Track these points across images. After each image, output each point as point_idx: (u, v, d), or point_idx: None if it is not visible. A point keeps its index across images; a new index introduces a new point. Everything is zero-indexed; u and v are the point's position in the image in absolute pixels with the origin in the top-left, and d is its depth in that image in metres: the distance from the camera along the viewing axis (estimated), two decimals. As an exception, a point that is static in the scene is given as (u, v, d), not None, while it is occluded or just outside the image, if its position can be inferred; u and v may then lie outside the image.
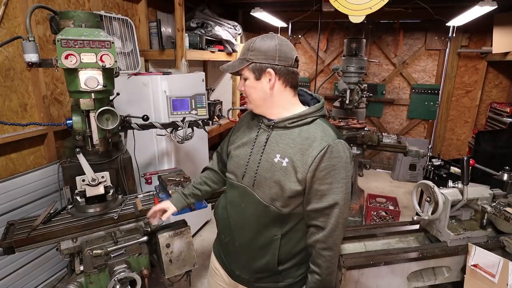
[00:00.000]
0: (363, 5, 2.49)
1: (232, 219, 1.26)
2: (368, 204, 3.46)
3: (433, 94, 4.75)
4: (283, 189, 1.10)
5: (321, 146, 1.06)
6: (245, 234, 1.22)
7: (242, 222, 1.23)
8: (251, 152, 1.20)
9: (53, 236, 1.50)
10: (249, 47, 1.14)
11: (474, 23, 3.80)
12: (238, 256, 1.28)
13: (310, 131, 1.11)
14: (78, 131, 1.62)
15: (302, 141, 1.09)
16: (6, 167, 2.18)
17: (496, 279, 1.55)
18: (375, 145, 3.10)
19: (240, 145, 1.26)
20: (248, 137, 1.24)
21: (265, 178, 1.13)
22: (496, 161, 2.69)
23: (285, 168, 1.09)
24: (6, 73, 2.12)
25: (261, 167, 1.15)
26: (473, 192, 1.80)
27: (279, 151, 1.12)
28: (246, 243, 1.23)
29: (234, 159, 1.26)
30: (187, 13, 3.50)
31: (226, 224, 1.29)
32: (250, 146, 1.21)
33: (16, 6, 2.12)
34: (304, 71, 5.39)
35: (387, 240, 1.99)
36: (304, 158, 1.07)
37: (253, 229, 1.19)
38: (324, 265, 1.14)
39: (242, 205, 1.21)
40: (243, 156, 1.22)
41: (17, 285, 2.22)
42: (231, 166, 1.27)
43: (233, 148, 1.28)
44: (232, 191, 1.26)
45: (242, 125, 1.32)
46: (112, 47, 1.51)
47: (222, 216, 1.32)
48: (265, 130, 1.19)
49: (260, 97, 1.15)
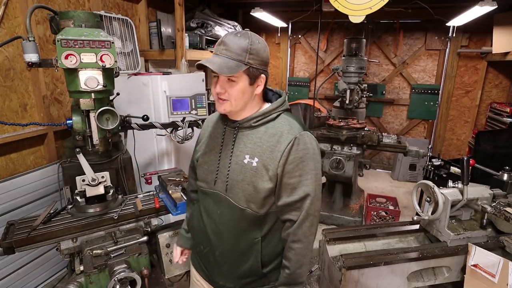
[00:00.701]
0: (363, 5, 2.49)
1: (209, 228, 1.20)
2: (368, 204, 3.46)
3: (433, 94, 4.74)
4: (257, 189, 1.07)
5: (288, 139, 1.06)
6: (225, 241, 1.17)
7: (220, 230, 1.17)
8: (219, 157, 1.16)
9: (53, 236, 1.50)
10: (247, 49, 1.03)
11: (474, 23, 3.80)
12: (220, 265, 1.21)
13: (276, 127, 1.10)
14: (78, 131, 1.62)
15: (269, 138, 1.08)
16: (6, 167, 2.18)
17: (496, 279, 1.55)
18: (375, 145, 3.10)
19: (207, 151, 1.22)
20: (214, 142, 1.21)
21: (237, 181, 1.10)
22: (496, 161, 2.68)
23: (256, 168, 1.07)
24: (6, 73, 2.12)
25: (231, 170, 1.11)
26: (473, 192, 1.80)
27: (248, 151, 1.10)
28: (227, 250, 1.18)
29: (203, 166, 1.22)
30: (187, 13, 3.51)
31: (204, 234, 1.23)
32: (218, 150, 1.18)
33: (16, 6, 2.12)
34: (304, 71, 5.39)
35: (387, 240, 1.99)
36: (273, 155, 1.06)
37: (232, 235, 1.15)
38: (294, 258, 1.12)
39: (218, 212, 1.16)
40: (212, 161, 1.18)
41: (17, 285, 2.22)
42: (201, 174, 1.22)
43: (200, 155, 1.24)
44: (206, 199, 1.21)
45: (206, 131, 1.28)
46: (112, 47, 1.51)
47: (199, 227, 1.26)
48: (230, 132, 1.16)
49: (245, 101, 1.09)
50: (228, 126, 1.17)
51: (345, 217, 3.34)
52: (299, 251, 1.11)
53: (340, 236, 1.98)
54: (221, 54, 1.04)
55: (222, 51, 1.04)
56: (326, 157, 3.23)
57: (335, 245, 1.93)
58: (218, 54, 1.05)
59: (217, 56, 1.04)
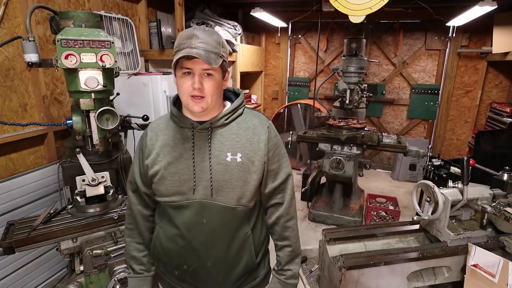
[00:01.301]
0: (363, 5, 2.49)
1: (195, 243, 1.11)
2: (368, 204, 3.46)
3: (433, 94, 4.74)
4: (248, 183, 1.09)
5: (263, 130, 1.11)
6: (217, 248, 1.12)
7: (210, 238, 1.11)
8: (193, 162, 1.07)
9: (53, 236, 1.50)
10: (219, 42, 1.02)
11: (474, 23, 3.80)
12: (214, 275, 1.16)
13: (247, 120, 1.12)
14: (78, 131, 1.62)
15: (245, 132, 1.10)
16: (6, 167, 2.18)
17: (496, 279, 1.55)
18: (375, 145, 3.10)
19: (172, 161, 1.08)
20: (179, 149, 1.09)
21: (225, 181, 1.07)
22: (496, 161, 2.68)
23: (242, 163, 1.08)
24: (6, 73, 2.12)
25: (215, 172, 1.07)
26: (473, 192, 1.80)
27: (228, 149, 1.08)
28: (220, 256, 1.14)
29: (171, 178, 1.08)
30: (187, 13, 3.51)
31: (187, 252, 1.13)
32: (189, 156, 1.08)
33: (16, 6, 2.12)
34: (304, 71, 5.39)
35: (387, 240, 1.99)
36: (254, 146, 1.09)
37: (225, 239, 1.12)
38: (292, 235, 1.20)
39: (204, 221, 1.09)
40: (184, 170, 1.08)
41: (17, 285, 2.22)
42: (169, 188, 1.09)
43: (162, 168, 1.08)
44: (182, 213, 1.10)
45: (156, 142, 1.11)
46: (112, 47, 1.51)
47: (175, 247, 1.13)
48: (202, 134, 1.08)
49: (218, 97, 1.07)
50: (197, 129, 1.08)
51: (345, 217, 3.34)
52: (295, 227, 1.21)
53: (340, 236, 1.98)
54: (198, 47, 0.96)
55: (198, 44, 0.97)
56: (326, 157, 3.23)
57: (335, 245, 1.93)
58: (194, 47, 0.96)
59: (194, 49, 0.96)
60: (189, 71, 1.00)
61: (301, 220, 3.54)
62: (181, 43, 0.98)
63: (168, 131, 1.12)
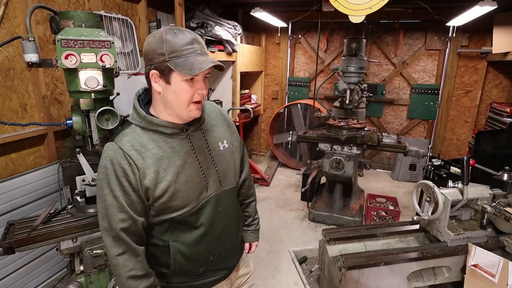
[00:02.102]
0: (363, 5, 2.49)
1: (217, 231, 1.16)
2: (368, 204, 3.46)
3: (433, 94, 4.74)
4: (235, 162, 1.23)
5: (224, 112, 1.25)
6: (230, 227, 1.23)
7: (226, 221, 1.19)
8: (199, 163, 1.08)
9: (53, 236, 1.50)
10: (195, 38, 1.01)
11: (474, 23, 3.80)
12: (231, 250, 1.27)
13: (210, 109, 1.21)
14: (78, 131, 1.62)
15: (217, 120, 1.20)
16: (6, 167, 2.18)
17: (496, 279, 1.55)
18: (375, 145, 3.10)
19: (180, 171, 1.03)
20: (180, 156, 1.04)
21: (225, 168, 1.17)
22: (496, 161, 2.68)
23: (229, 147, 1.20)
24: (6, 73, 2.12)
25: (217, 163, 1.14)
26: (473, 192, 1.80)
27: (218, 139, 1.17)
28: (233, 232, 1.27)
29: (185, 188, 1.04)
30: (187, 13, 3.51)
31: (212, 244, 1.16)
32: (193, 159, 1.07)
33: (16, 6, 2.12)
34: (304, 71, 5.39)
35: (387, 240, 1.99)
36: (230, 129, 1.24)
37: (233, 215, 1.26)
38: (254, 191, 1.45)
39: (220, 209, 1.15)
40: (194, 174, 1.06)
41: (17, 285, 2.22)
42: (185, 198, 1.04)
43: (171, 182, 1.01)
44: (203, 213, 1.10)
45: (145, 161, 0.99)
46: (112, 47, 1.51)
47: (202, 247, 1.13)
48: (196, 133, 1.10)
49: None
50: (190, 130, 1.08)
51: (345, 217, 3.34)
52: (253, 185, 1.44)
53: (340, 236, 1.98)
54: (203, 52, 0.99)
55: (202, 50, 0.99)
56: (326, 157, 3.23)
57: (335, 245, 1.93)
58: (201, 53, 0.98)
59: (202, 55, 0.98)
60: (194, 77, 0.97)
61: (301, 220, 3.54)
62: (180, 48, 0.94)
63: (153, 144, 1.01)
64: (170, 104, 1.01)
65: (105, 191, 0.98)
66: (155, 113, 1.06)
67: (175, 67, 0.94)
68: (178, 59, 0.94)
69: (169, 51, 0.94)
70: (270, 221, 3.48)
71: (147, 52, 0.98)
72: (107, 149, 1.00)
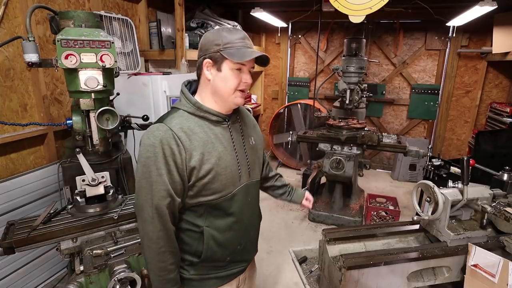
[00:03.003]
0: (363, 5, 2.49)
1: (246, 221, 1.24)
2: (368, 204, 3.46)
3: (433, 94, 4.74)
4: (260, 159, 1.33)
5: (250, 113, 1.36)
6: (254, 218, 1.32)
7: (252, 212, 1.28)
8: (236, 153, 1.17)
9: (53, 236, 1.50)
10: (246, 36, 1.12)
11: (474, 23, 3.80)
12: (253, 241, 1.36)
13: (241, 109, 1.30)
14: (78, 131, 1.62)
15: (247, 119, 1.30)
16: (6, 167, 2.18)
17: (496, 279, 1.55)
18: (375, 145, 3.10)
19: (221, 156, 1.11)
20: (222, 143, 1.13)
21: (254, 161, 1.26)
22: (496, 161, 2.68)
23: (255, 144, 1.29)
24: (6, 73, 2.12)
25: (249, 156, 1.23)
26: (473, 192, 1.80)
27: (248, 135, 1.26)
28: (256, 223, 1.35)
29: (224, 172, 1.12)
30: (187, 13, 3.51)
31: (241, 233, 1.23)
32: (231, 148, 1.15)
33: (16, 6, 2.12)
34: (304, 71, 5.39)
35: (387, 240, 1.99)
36: (256, 128, 1.34)
37: (257, 207, 1.34)
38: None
39: (249, 199, 1.24)
40: (232, 162, 1.14)
41: (17, 285, 2.22)
42: (224, 182, 1.12)
43: (214, 165, 1.08)
44: (235, 200, 1.17)
45: (192, 143, 1.06)
46: (112, 47, 1.51)
47: (233, 235, 1.20)
48: (235, 127, 1.21)
49: None
50: (229, 122, 1.18)
51: (345, 217, 3.34)
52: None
53: (340, 236, 1.98)
54: (250, 47, 1.09)
55: (251, 45, 1.10)
56: (326, 157, 3.23)
57: (335, 245, 1.93)
58: (248, 47, 1.08)
59: (251, 49, 1.08)
60: (242, 67, 1.08)
61: (301, 220, 3.54)
62: (233, 41, 1.05)
63: (199, 129, 1.09)
64: (219, 90, 1.10)
65: (151, 168, 1.03)
66: (201, 101, 1.14)
67: (228, 55, 1.04)
68: (231, 49, 1.05)
69: (224, 42, 1.05)
70: (270, 221, 3.48)
71: (203, 44, 1.09)
72: (155, 129, 1.05)
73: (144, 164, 1.04)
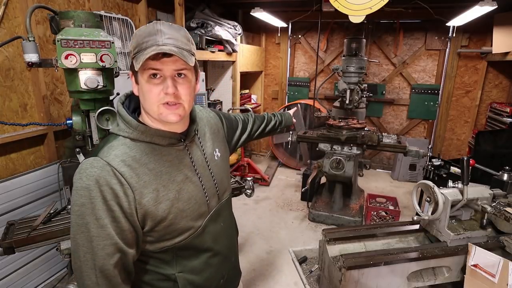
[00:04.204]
0: (363, 5, 2.49)
1: (224, 250, 1.06)
2: (368, 204, 3.46)
3: (433, 94, 4.74)
4: (227, 168, 1.14)
5: (211, 114, 1.15)
6: (232, 240, 1.15)
7: (229, 236, 1.11)
8: (199, 176, 0.96)
9: (53, 236, 1.50)
10: (188, 38, 0.86)
11: (474, 23, 3.80)
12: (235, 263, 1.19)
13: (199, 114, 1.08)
14: (78, 131, 1.62)
15: (206, 126, 1.08)
16: (6, 167, 2.18)
17: (496, 279, 1.55)
18: (375, 145, 3.10)
19: (181, 187, 0.90)
20: (180, 170, 0.91)
21: (222, 178, 1.05)
22: (496, 161, 2.68)
23: (221, 155, 1.09)
24: (6, 73, 2.12)
25: (215, 175, 1.01)
26: (473, 192, 1.80)
27: (212, 148, 1.05)
28: (235, 244, 1.19)
29: (188, 206, 0.91)
30: (187, 13, 3.50)
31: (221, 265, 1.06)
32: (193, 173, 0.95)
33: (16, 6, 2.12)
34: (304, 71, 5.39)
35: (387, 240, 1.99)
36: (220, 136, 1.13)
37: (233, 225, 1.20)
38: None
39: (222, 224, 1.04)
40: (196, 189, 0.94)
41: (17, 285, 2.22)
42: (190, 217, 0.92)
43: (174, 201, 0.88)
44: (207, 233, 0.98)
45: (140, 178, 0.83)
46: (112, 47, 1.51)
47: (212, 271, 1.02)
48: (193, 143, 0.98)
49: (193, 101, 0.92)
50: (187, 140, 0.95)
51: (345, 217, 3.34)
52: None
53: (340, 236, 1.98)
54: (167, 43, 0.79)
55: (166, 41, 0.79)
56: (326, 157, 3.23)
57: (335, 245, 1.93)
58: (161, 44, 0.78)
59: (163, 46, 0.78)
60: (156, 72, 0.81)
61: (301, 220, 3.54)
62: (142, 42, 0.79)
63: (148, 158, 0.86)
64: (144, 108, 0.87)
65: (87, 219, 0.78)
66: (148, 120, 0.89)
67: (135, 62, 0.80)
68: (139, 53, 0.79)
69: (134, 46, 0.82)
70: (270, 221, 3.48)
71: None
72: (89, 166, 0.80)
73: (78, 214, 0.79)
